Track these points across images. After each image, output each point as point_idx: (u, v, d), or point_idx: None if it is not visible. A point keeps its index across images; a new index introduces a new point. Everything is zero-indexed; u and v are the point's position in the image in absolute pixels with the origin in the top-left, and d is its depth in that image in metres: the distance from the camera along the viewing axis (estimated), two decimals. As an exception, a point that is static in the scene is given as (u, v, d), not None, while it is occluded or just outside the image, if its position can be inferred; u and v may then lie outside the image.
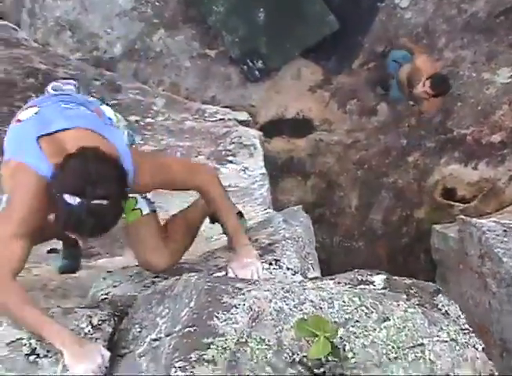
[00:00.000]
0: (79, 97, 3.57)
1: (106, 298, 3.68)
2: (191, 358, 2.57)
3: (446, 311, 3.23)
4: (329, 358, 2.83)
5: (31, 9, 7.77)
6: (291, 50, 7.92)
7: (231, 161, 6.74)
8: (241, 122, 7.48)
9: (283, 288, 3.10)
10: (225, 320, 2.79)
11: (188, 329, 2.73)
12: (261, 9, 7.68)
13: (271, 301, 3.00)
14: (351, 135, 8.24)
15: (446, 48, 7.92)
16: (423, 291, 3.37)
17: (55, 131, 3.09)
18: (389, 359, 2.87)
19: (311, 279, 3.62)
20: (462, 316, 3.23)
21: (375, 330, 2.95)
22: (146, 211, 3.63)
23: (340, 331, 2.86)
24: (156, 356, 2.88)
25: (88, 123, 3.19)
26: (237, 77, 8.00)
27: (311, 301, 3.06)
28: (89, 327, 3.28)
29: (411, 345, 2.93)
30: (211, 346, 2.63)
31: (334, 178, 8.24)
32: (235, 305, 2.89)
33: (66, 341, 2.92)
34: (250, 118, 7.61)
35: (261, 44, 7.80)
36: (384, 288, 3.39)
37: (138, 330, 3.25)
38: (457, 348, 2.97)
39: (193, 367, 2.53)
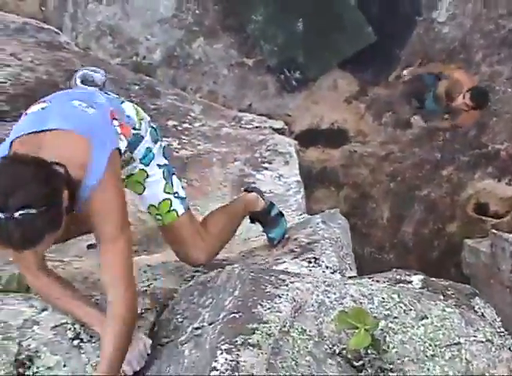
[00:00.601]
0: (96, 95, 3.36)
1: (146, 290, 3.71)
2: (236, 342, 2.62)
3: (482, 313, 3.26)
4: (369, 350, 2.86)
5: (73, 13, 7.87)
6: (329, 60, 7.98)
7: (266, 168, 6.77)
8: (277, 130, 7.53)
9: (324, 282, 3.15)
10: (268, 309, 2.84)
11: (233, 315, 2.78)
12: (300, 19, 7.75)
13: (313, 293, 3.05)
14: (385, 148, 8.26)
15: (483, 63, 7.93)
16: (460, 292, 3.40)
17: (38, 131, 2.92)
18: (426, 356, 2.91)
19: (350, 277, 3.66)
20: (497, 319, 3.26)
21: (413, 327, 2.99)
22: (181, 211, 3.62)
23: (381, 324, 2.90)
24: (199, 344, 2.92)
25: (80, 126, 2.98)
26: (274, 86, 8.05)
27: (352, 295, 3.10)
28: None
29: (448, 343, 2.97)
30: (256, 331, 2.68)
31: (367, 189, 8.26)
32: (278, 295, 2.94)
33: None
34: (285, 127, 7.64)
35: (298, 53, 7.87)
36: (421, 288, 3.42)
37: (180, 320, 3.30)
38: (493, 349, 3.00)
39: (239, 350, 2.57)
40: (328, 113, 8.23)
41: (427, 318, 3.08)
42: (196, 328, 3.09)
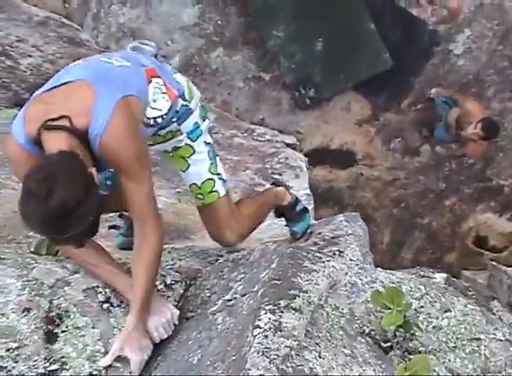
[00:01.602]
0: (140, 57, 3.30)
1: (171, 268, 3.73)
2: (280, 304, 2.67)
3: (500, 316, 3.32)
4: (397, 333, 2.92)
5: (96, 13, 7.96)
6: (344, 82, 8.07)
7: (277, 180, 6.82)
8: (288, 145, 7.60)
9: (357, 265, 3.21)
10: (307, 280, 2.89)
11: (274, 282, 2.82)
12: (320, 39, 7.85)
13: (347, 274, 3.11)
14: (392, 173, 8.35)
15: (494, 99, 8.06)
16: (480, 294, 3.47)
17: (55, 86, 2.90)
18: (448, 347, 2.98)
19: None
20: (516, 323, 3.33)
21: (437, 318, 3.07)
22: (222, 192, 3.61)
23: (415, 304, 2.95)
24: (233, 312, 2.96)
25: (91, 74, 2.93)
26: (288, 103, 8.14)
27: (382, 281, 3.18)
28: (162, 285, 3.36)
29: (469, 338, 3.04)
30: (297, 298, 2.73)
31: (370, 212, 8.33)
32: (315, 270, 2.99)
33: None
34: (297, 142, 7.71)
35: (315, 72, 7.96)
36: (444, 285, 3.49)
37: (208, 294, 3.34)
38: (511, 348, 3.05)
39: (282, 312, 2.62)
40: (338, 133, 8.31)
41: (451, 311, 3.15)
42: (228, 300, 3.13)
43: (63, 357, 3.00)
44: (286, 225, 4.29)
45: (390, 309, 2.83)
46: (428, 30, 8.05)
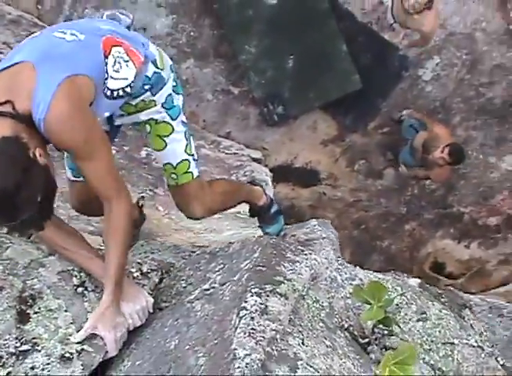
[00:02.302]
0: (102, 23, 3.16)
1: (145, 261, 3.68)
2: (266, 288, 2.64)
3: (471, 325, 3.35)
4: (376, 329, 2.92)
5: (69, 15, 7.90)
6: (312, 101, 8.10)
7: (254, 179, 6.81)
8: (254, 160, 7.59)
9: (337, 261, 3.19)
10: (290, 269, 2.88)
11: (259, 268, 2.79)
12: (292, 56, 7.89)
13: (327, 268, 3.11)
14: (354, 194, 8.39)
15: (459, 127, 8.17)
16: (453, 301, 3.49)
17: (8, 66, 2.77)
18: (423, 349, 2.98)
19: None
20: (484, 334, 3.35)
21: (413, 319, 3.06)
22: (196, 173, 3.51)
23: (396, 300, 2.95)
24: (213, 299, 2.93)
25: (38, 55, 2.78)
26: (255, 118, 8.14)
27: (361, 279, 3.18)
28: (138, 272, 3.32)
29: (443, 341, 3.06)
30: (283, 284, 2.71)
31: (331, 232, 8.32)
32: (298, 261, 2.98)
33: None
34: (262, 157, 7.71)
35: (285, 89, 7.97)
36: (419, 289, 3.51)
37: (184, 285, 3.31)
38: (482, 355, 3.11)
39: (268, 296, 2.60)
40: (303, 152, 8.34)
41: (426, 314, 3.16)
42: (206, 289, 3.09)
43: (34, 338, 2.94)
44: (259, 226, 4.27)
45: (370, 303, 2.81)
46: (399, 55, 8.15)
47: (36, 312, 3.02)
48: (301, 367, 2.42)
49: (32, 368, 2.84)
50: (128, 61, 3.02)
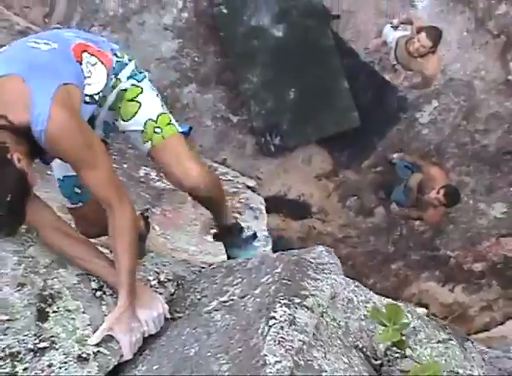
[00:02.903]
0: (66, 32, 3.25)
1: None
2: (294, 300, 2.68)
3: (473, 357, 3.40)
4: (388, 352, 2.96)
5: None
6: (310, 134, 8.18)
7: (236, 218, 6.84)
8: (249, 188, 7.63)
9: (354, 283, 3.23)
10: (313, 286, 2.91)
11: (284, 281, 2.83)
12: (293, 89, 7.98)
13: (345, 289, 3.14)
14: (344, 230, 8.45)
15: (452, 171, 8.28)
16: (456, 334, 3.54)
17: None
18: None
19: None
20: (485, 367, 3.41)
21: (421, 346, 3.10)
22: (179, 129, 3.42)
23: (413, 323, 3.00)
24: (234, 310, 2.96)
25: (22, 67, 2.79)
26: (251, 147, 8.21)
27: (374, 302, 3.20)
28: (155, 281, 3.36)
29: (449, 369, 3.09)
30: (308, 298, 2.74)
31: (318, 266, 8.35)
32: (319, 279, 3.02)
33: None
34: (257, 186, 7.75)
35: (283, 121, 8.05)
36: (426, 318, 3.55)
37: (198, 297, 3.33)
38: None
39: (296, 308, 2.64)
40: (297, 184, 8.40)
41: (433, 342, 3.19)
42: (225, 301, 3.11)
43: (52, 336, 2.96)
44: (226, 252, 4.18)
45: (386, 325, 2.84)
46: (398, 96, 8.27)
47: (55, 312, 3.04)
48: (324, 380, 2.46)
49: (49, 366, 2.85)
50: (95, 63, 3.07)
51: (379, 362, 3.02)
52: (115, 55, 3.25)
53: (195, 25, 8.02)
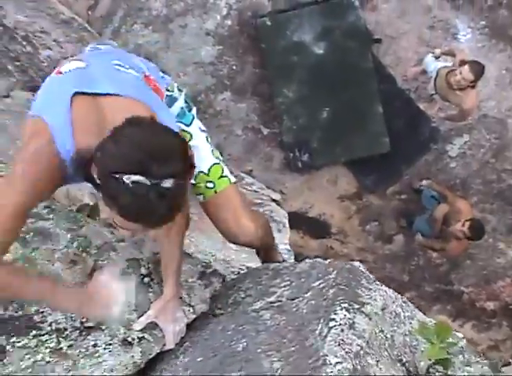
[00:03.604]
0: (128, 55, 3.07)
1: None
2: (353, 305, 2.67)
3: (502, 386, 3.40)
4: (431, 370, 2.94)
5: (117, 28, 7.99)
6: (338, 155, 8.18)
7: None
8: (273, 201, 7.63)
9: (402, 298, 3.23)
10: (367, 295, 2.89)
11: (341, 287, 2.81)
12: (327, 108, 7.98)
13: (393, 302, 3.12)
14: (361, 254, 8.43)
15: (475, 207, 8.25)
16: (490, 362, 3.54)
17: (96, 94, 2.51)
18: (465, 399, 3.01)
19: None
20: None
21: (459, 369, 3.10)
22: (233, 179, 3.32)
23: (460, 343, 2.99)
24: (285, 311, 2.95)
25: (138, 93, 2.62)
26: (279, 161, 8.22)
27: (418, 320, 3.20)
28: (203, 274, 3.34)
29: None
30: (366, 305, 2.72)
31: (331, 287, 8.34)
32: (372, 289, 3.00)
33: (82, 298, 2.57)
34: (282, 200, 7.75)
35: (314, 139, 8.05)
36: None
37: (242, 296, 3.33)
38: None
39: (355, 313, 2.62)
40: (319, 203, 8.39)
41: (471, 367, 3.19)
42: (272, 302, 3.10)
43: (99, 317, 2.92)
44: None
45: (432, 343, 2.84)
46: (431, 127, 8.27)
47: (102, 293, 3.00)
48: (378, 387, 2.45)
49: (94, 346, 2.85)
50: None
51: (420, 379, 3.00)
52: (166, 89, 3.11)
53: (237, 33, 8.04)
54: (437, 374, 3.03)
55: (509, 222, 8.48)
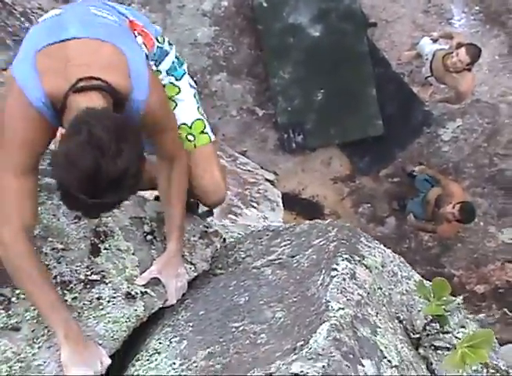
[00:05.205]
0: (114, 5, 2.98)
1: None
2: (354, 257, 2.73)
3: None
4: (427, 327, 3.01)
5: (115, 8, 7.96)
6: (332, 137, 8.24)
7: (254, 207, 6.89)
8: (267, 180, 7.67)
9: (399, 258, 3.29)
10: (367, 251, 2.96)
11: (342, 241, 2.87)
12: (322, 90, 8.04)
13: (392, 262, 3.19)
14: (353, 236, 8.45)
15: (467, 191, 8.31)
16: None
17: (62, 41, 2.52)
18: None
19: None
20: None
21: (454, 330, 3.16)
22: (213, 137, 3.33)
23: (458, 300, 3.04)
24: (286, 267, 3.00)
25: (110, 36, 2.61)
26: (273, 142, 8.27)
27: (415, 280, 3.25)
28: (203, 232, 3.38)
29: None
30: (366, 258, 2.79)
31: (323, 268, 8.39)
32: (371, 247, 3.06)
33: (70, 335, 2.52)
34: (276, 180, 7.80)
35: (308, 120, 8.11)
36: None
37: (243, 256, 3.38)
38: None
39: (356, 264, 2.68)
40: (312, 185, 8.44)
41: (465, 328, 3.25)
42: (273, 260, 3.15)
43: (103, 271, 3.00)
44: None
45: (429, 300, 2.89)
46: (424, 110, 8.34)
47: (106, 249, 3.08)
48: (379, 334, 2.50)
49: (98, 298, 2.89)
50: (141, 44, 2.92)
51: (417, 336, 3.06)
52: (156, 39, 3.08)
53: (233, 15, 8.09)
54: (434, 330, 3.09)
55: (500, 206, 8.55)
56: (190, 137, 3.26)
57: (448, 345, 3.04)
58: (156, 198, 3.50)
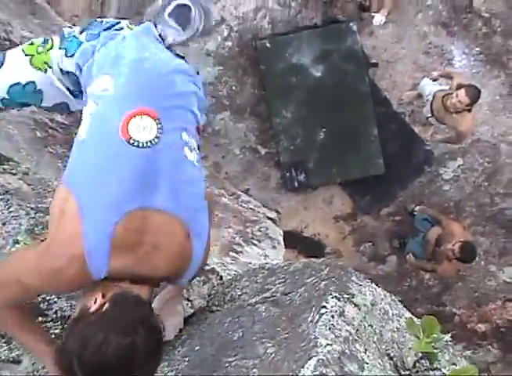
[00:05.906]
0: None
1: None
2: (343, 295, 2.79)
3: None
4: (417, 364, 3.06)
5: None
6: (334, 176, 8.32)
7: (255, 245, 6.94)
8: (269, 219, 7.74)
9: (391, 296, 3.34)
10: (357, 290, 3.02)
11: (332, 280, 2.94)
12: (324, 129, 8.13)
13: (382, 300, 3.24)
14: (354, 274, 8.48)
15: (468, 230, 8.34)
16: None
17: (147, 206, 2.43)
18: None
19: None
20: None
21: (444, 367, 3.20)
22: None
23: (446, 337, 3.10)
24: (279, 304, 3.06)
25: (186, 214, 2.56)
26: (275, 181, 8.34)
27: (406, 318, 3.31)
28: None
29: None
30: (356, 297, 2.85)
31: (324, 307, 8.42)
32: (362, 285, 3.12)
33: None
34: (277, 218, 7.87)
35: (310, 159, 8.19)
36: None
37: (239, 293, 3.43)
38: None
39: (345, 302, 2.75)
40: (314, 223, 8.50)
41: (456, 365, 3.29)
42: (268, 297, 3.21)
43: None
44: None
45: (419, 338, 2.95)
46: (425, 150, 8.42)
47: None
48: (366, 369, 2.56)
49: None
50: None
51: (407, 372, 3.10)
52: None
53: (237, 55, 8.20)
54: (424, 368, 3.14)
55: (501, 245, 8.59)
56: None
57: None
58: None
